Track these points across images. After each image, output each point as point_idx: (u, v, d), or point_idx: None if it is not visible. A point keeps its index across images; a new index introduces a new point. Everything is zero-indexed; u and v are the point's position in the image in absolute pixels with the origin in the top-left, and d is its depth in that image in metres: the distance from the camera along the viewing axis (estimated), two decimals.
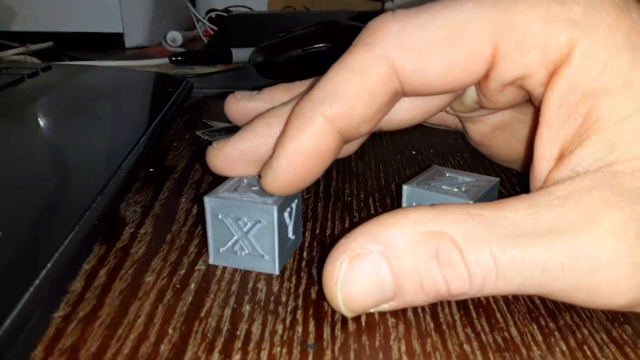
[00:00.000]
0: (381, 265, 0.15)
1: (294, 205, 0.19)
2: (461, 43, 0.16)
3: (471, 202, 0.18)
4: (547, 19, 0.16)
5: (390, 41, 0.16)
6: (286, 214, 0.19)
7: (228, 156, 0.19)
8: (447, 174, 0.21)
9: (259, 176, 0.18)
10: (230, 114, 0.22)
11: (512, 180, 0.27)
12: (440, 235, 0.15)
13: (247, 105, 0.22)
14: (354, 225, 0.23)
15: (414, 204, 0.20)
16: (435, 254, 0.15)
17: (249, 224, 0.18)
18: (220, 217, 0.18)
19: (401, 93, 0.17)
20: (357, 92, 0.17)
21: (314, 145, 0.17)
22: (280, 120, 0.18)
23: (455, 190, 0.19)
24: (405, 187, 0.20)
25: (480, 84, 0.18)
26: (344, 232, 0.22)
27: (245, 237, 0.18)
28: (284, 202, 0.18)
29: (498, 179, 0.21)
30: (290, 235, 0.19)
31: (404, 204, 0.20)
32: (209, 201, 0.18)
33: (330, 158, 0.18)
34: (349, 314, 0.16)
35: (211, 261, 0.19)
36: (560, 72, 0.16)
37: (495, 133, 0.23)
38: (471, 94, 0.20)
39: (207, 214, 0.19)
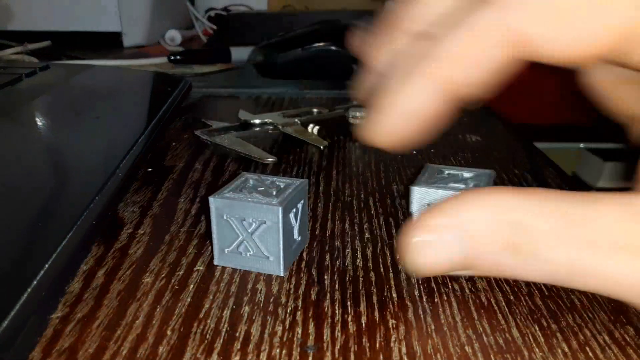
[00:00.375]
0: (454, 243, 0.15)
1: (299, 206, 0.19)
2: (598, 15, 0.14)
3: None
4: None
5: (521, 8, 0.15)
6: (292, 215, 0.19)
7: (381, 122, 0.18)
8: (446, 172, 0.21)
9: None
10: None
11: (514, 180, 0.27)
12: (521, 227, 0.15)
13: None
14: (354, 225, 0.23)
15: (426, 204, 0.20)
16: (512, 245, 0.15)
17: (253, 225, 0.18)
18: (225, 217, 0.18)
19: (521, 59, 0.16)
20: (475, 57, 0.16)
21: (418, 103, 0.16)
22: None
23: (463, 186, 0.19)
24: (414, 189, 0.20)
25: (620, 57, 0.16)
26: (344, 232, 0.22)
27: (250, 238, 0.18)
28: (289, 203, 0.18)
29: (493, 170, 0.21)
30: (296, 236, 0.19)
31: (414, 207, 0.20)
32: (214, 201, 0.18)
33: (433, 119, 0.17)
34: (419, 277, 0.17)
35: (216, 262, 0.19)
36: None
37: (622, 85, 0.21)
38: None
39: (212, 214, 0.18)
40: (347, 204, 0.24)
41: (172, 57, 0.56)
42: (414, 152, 0.32)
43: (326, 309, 0.17)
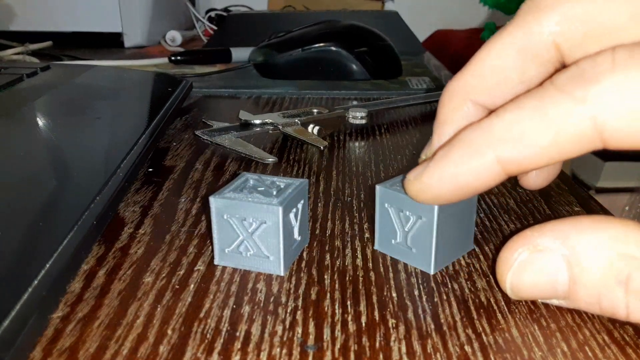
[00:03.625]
0: (560, 268, 0.15)
1: (299, 206, 0.19)
2: None
3: (436, 206, 0.18)
4: None
5: (605, 102, 0.14)
6: (292, 215, 0.19)
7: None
8: None
9: (404, 176, 0.18)
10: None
11: (513, 180, 0.27)
12: (638, 262, 0.14)
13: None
14: (354, 225, 0.23)
15: (385, 205, 0.20)
16: (625, 281, 0.14)
17: (254, 225, 0.18)
18: (225, 217, 0.18)
19: (599, 147, 0.15)
20: (546, 146, 0.15)
21: (472, 179, 0.16)
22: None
23: None
24: (378, 187, 0.20)
25: None
26: (344, 232, 0.22)
27: (251, 238, 0.18)
28: (289, 203, 0.18)
29: None
30: (296, 236, 0.19)
31: (376, 204, 0.20)
32: (214, 201, 0.18)
33: (483, 190, 0.17)
34: (514, 298, 0.16)
35: (216, 261, 0.19)
36: None
37: None
38: None
39: (213, 214, 0.19)
40: (347, 204, 0.24)
41: (173, 58, 0.56)
42: (414, 152, 0.32)
43: (326, 308, 0.17)
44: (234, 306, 0.17)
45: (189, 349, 0.15)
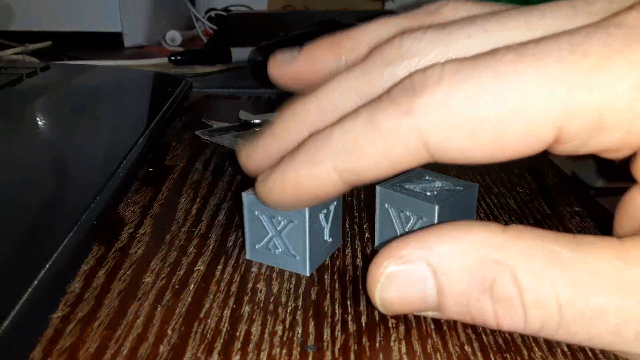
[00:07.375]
0: (427, 279, 0.14)
1: (332, 207, 0.19)
2: (515, 126, 0.14)
3: (436, 206, 0.18)
4: (633, 96, 0.13)
5: (430, 114, 0.14)
6: (322, 216, 0.19)
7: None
8: (426, 177, 0.21)
9: (255, 179, 0.18)
10: (276, 80, 0.21)
11: (513, 180, 0.27)
12: (501, 267, 0.14)
13: (290, 71, 0.20)
14: (354, 225, 0.23)
15: (385, 205, 0.20)
16: (490, 287, 0.14)
17: (282, 223, 0.18)
18: (256, 213, 0.19)
19: (429, 160, 0.15)
20: (378, 158, 0.15)
21: (313, 186, 0.16)
22: (303, 124, 0.17)
23: (428, 194, 0.19)
24: (378, 188, 0.20)
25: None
26: (344, 232, 0.22)
27: (279, 236, 0.19)
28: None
29: (477, 184, 0.20)
30: (327, 237, 0.19)
31: (377, 204, 0.20)
32: (246, 197, 0.19)
33: (325, 199, 0.17)
34: (386, 313, 0.16)
35: (248, 256, 0.19)
36: None
37: None
38: None
39: (244, 209, 0.19)
40: (347, 204, 0.24)
41: (173, 58, 0.56)
42: None
43: (326, 308, 0.17)
44: (234, 306, 0.17)
45: (189, 349, 0.15)
